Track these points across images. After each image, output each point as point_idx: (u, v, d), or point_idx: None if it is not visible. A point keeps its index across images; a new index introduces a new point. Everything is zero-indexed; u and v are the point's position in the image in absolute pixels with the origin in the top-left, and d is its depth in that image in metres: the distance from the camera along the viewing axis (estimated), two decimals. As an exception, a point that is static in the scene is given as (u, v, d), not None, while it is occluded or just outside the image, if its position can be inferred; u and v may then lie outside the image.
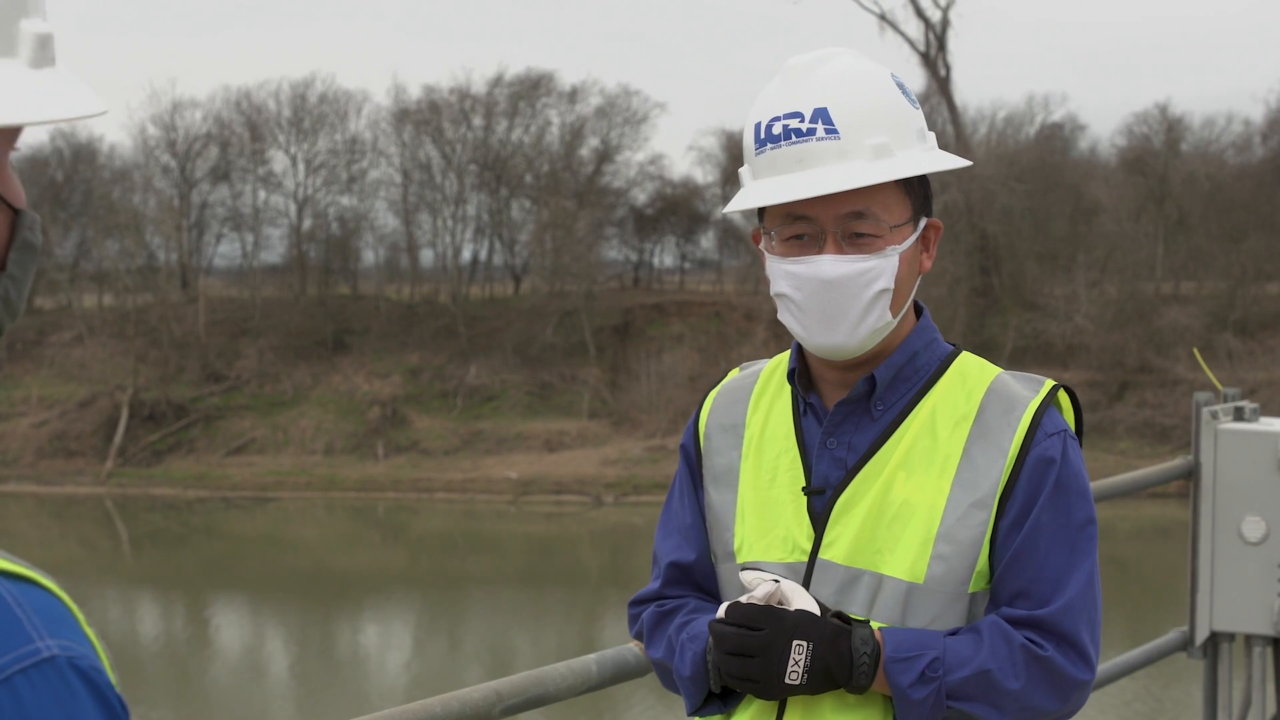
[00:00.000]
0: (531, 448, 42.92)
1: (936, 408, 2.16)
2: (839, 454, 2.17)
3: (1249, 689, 4.76)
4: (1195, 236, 45.50)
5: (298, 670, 25.00)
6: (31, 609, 0.99)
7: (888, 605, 2.11)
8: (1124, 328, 42.40)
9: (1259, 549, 4.61)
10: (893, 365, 2.18)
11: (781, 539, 2.19)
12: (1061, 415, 2.19)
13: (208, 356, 47.33)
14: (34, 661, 0.96)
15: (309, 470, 42.65)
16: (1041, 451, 2.11)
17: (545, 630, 27.10)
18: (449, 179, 51.54)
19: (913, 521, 2.11)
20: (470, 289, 51.05)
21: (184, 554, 36.15)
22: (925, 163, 2.14)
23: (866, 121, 2.10)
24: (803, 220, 2.12)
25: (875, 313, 2.11)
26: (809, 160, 2.09)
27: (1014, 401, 2.15)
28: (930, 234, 2.21)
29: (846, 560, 2.13)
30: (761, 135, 2.14)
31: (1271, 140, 48.76)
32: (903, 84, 2.18)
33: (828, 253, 2.10)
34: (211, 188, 52.43)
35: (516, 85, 51.54)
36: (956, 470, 2.11)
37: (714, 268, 55.79)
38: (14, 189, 1.14)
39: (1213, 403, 4.72)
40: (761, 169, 2.15)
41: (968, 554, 2.10)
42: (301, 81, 56.91)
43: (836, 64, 2.14)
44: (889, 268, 2.10)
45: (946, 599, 2.11)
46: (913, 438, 2.14)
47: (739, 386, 2.37)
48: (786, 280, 2.14)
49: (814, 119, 2.09)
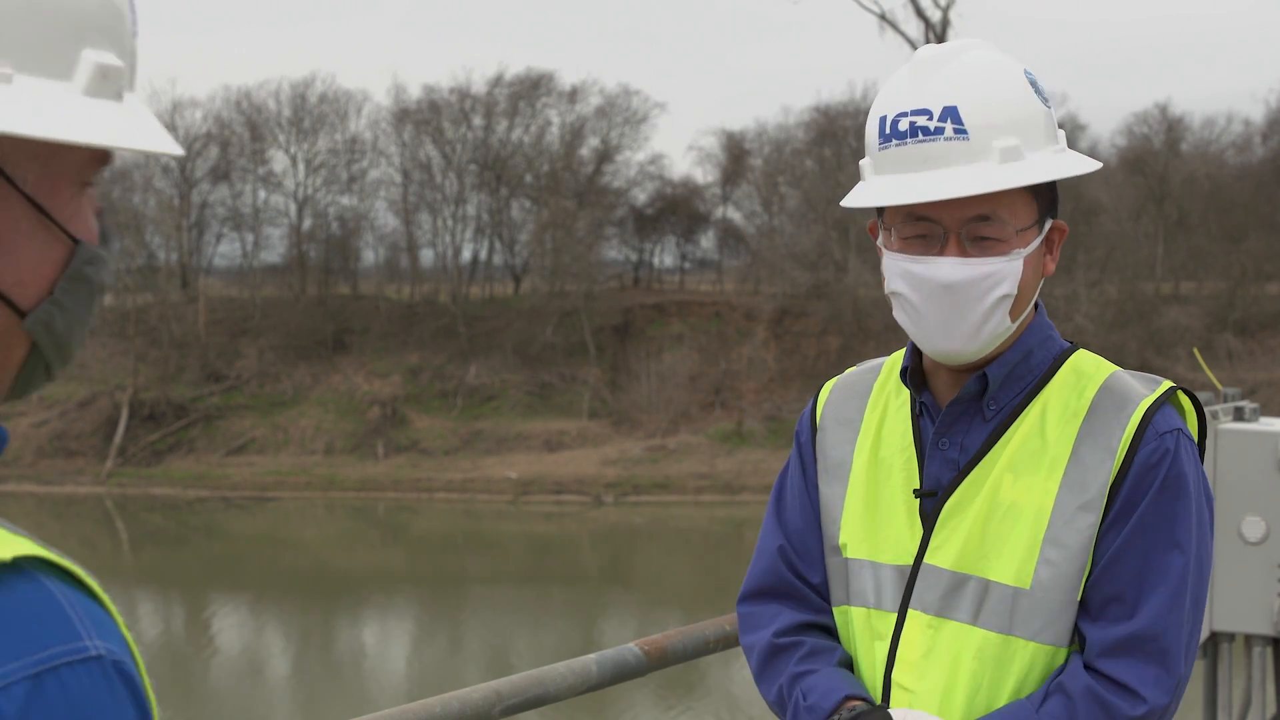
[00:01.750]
0: (531, 448, 42.92)
1: (1048, 406, 2.09)
2: (951, 455, 2.12)
3: (1249, 689, 4.76)
4: (1195, 236, 45.52)
5: (298, 670, 25.00)
6: (82, 611, 1.04)
7: (994, 611, 2.04)
8: (1124, 328, 42.41)
9: (1259, 549, 4.61)
10: (1006, 363, 2.11)
11: (891, 540, 2.14)
12: (1179, 416, 2.10)
13: (208, 356, 47.33)
14: (81, 657, 1.01)
15: (309, 470, 42.65)
16: (1151, 451, 2.02)
17: (545, 630, 27.09)
18: (449, 179, 51.57)
19: (1020, 525, 2.04)
20: (470, 289, 51.04)
21: (184, 554, 36.14)
22: (1055, 167, 2.06)
23: (996, 122, 2.02)
24: (925, 221, 2.05)
25: (996, 318, 2.05)
26: (936, 160, 2.02)
27: (1126, 399, 2.08)
28: (1055, 236, 2.14)
29: (953, 565, 2.07)
30: (886, 130, 2.06)
31: (1271, 140, 48.78)
32: (1035, 80, 2.10)
33: (949, 254, 2.03)
34: (211, 187, 52.50)
35: (516, 85, 51.58)
36: (1064, 471, 2.04)
37: (714, 268, 55.79)
38: (80, 220, 1.16)
39: (1213, 403, 4.72)
40: (885, 165, 2.07)
41: (1076, 558, 2.02)
42: (301, 81, 57.02)
43: (968, 58, 2.07)
44: (1012, 272, 2.04)
45: (1056, 606, 2.03)
46: (1022, 438, 2.08)
47: (858, 381, 2.31)
48: (904, 280, 2.06)
49: (943, 118, 2.02)
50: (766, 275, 49.48)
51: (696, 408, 44.41)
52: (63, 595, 1.03)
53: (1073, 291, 43.09)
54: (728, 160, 53.51)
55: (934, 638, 2.08)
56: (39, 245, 1.13)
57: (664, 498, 39.43)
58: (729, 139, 53.61)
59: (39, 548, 1.05)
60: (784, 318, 46.83)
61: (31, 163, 1.11)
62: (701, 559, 33.69)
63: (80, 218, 1.16)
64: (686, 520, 37.51)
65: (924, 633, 2.09)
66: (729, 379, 45.22)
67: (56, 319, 1.14)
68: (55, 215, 1.13)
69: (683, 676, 20.32)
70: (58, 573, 1.05)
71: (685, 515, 38.00)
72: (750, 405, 43.86)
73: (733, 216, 55.19)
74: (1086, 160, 2.12)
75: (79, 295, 1.15)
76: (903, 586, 2.11)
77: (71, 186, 1.14)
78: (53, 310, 1.14)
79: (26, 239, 1.12)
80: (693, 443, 42.18)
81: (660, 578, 32.16)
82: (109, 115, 1.12)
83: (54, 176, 1.13)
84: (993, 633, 2.05)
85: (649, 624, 25.09)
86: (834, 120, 50.17)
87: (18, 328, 1.13)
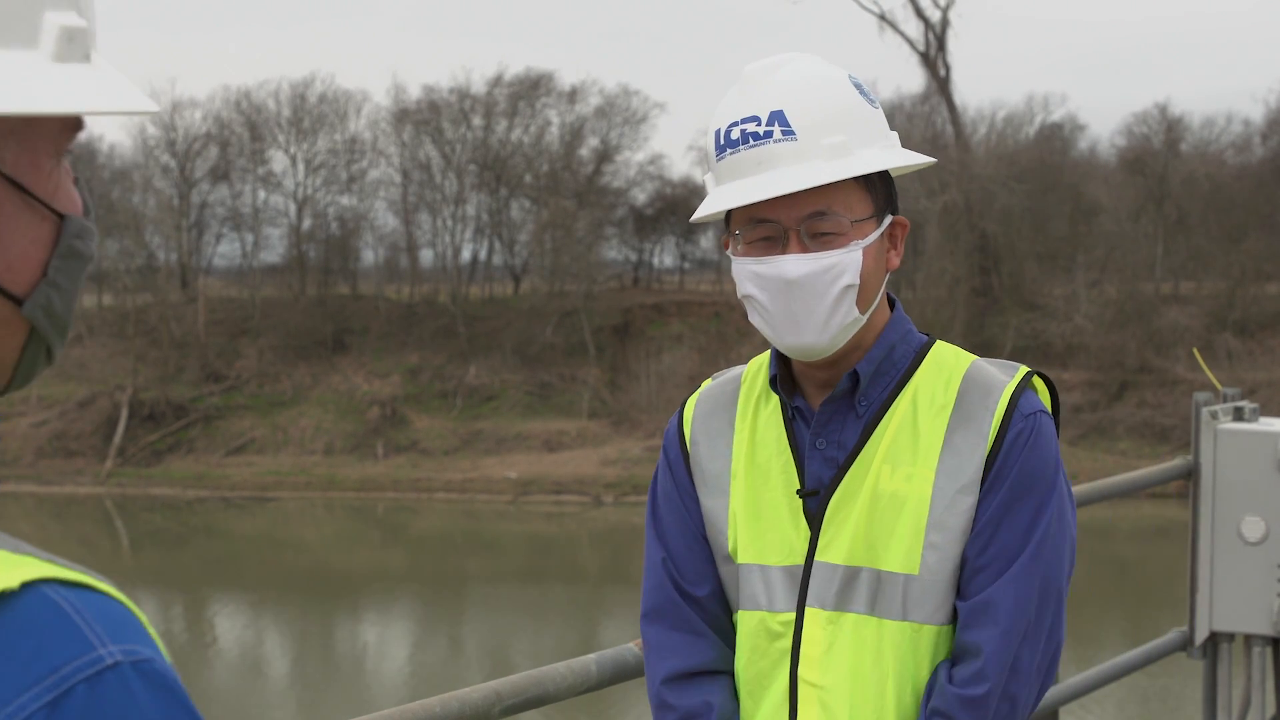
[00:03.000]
0: (531, 448, 42.92)
1: (916, 397, 2.16)
2: (829, 453, 2.18)
3: (1249, 689, 4.76)
4: (1195, 236, 45.50)
5: (298, 670, 25.00)
6: (91, 615, 0.95)
7: (889, 599, 2.12)
8: (1124, 328, 42.39)
9: (1259, 549, 4.61)
10: (873, 359, 2.17)
11: (778, 542, 2.19)
12: (1038, 398, 2.20)
13: (207, 356, 47.32)
14: (96, 670, 0.93)
15: (309, 470, 42.65)
16: (1018, 432, 2.12)
17: (545, 630, 27.09)
18: (449, 179, 51.55)
19: (903, 514, 2.12)
20: (470, 289, 51.04)
21: (184, 554, 36.14)
22: (883, 160, 2.13)
23: (823, 122, 2.10)
24: (766, 223, 2.12)
25: (843, 309, 2.11)
26: (767, 162, 2.10)
27: (991, 386, 2.16)
28: (897, 231, 2.20)
29: (845, 559, 2.13)
30: (721, 141, 2.15)
31: (1271, 140, 48.75)
32: (861, 85, 2.18)
33: (791, 252, 2.10)
34: (211, 188, 52.45)
35: (516, 85, 51.55)
36: (939, 458, 2.12)
37: (714, 268, 55.76)
38: (63, 194, 1.10)
39: (1212, 403, 4.72)
40: (723, 174, 2.15)
41: (959, 540, 2.11)
42: (301, 81, 56.94)
43: (792, 68, 2.14)
44: (853, 263, 2.10)
45: (945, 588, 2.12)
46: (895, 430, 2.15)
47: (720, 393, 2.35)
48: (751, 281, 2.15)
49: (770, 121, 2.10)
50: (766, 275, 49.46)
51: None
52: (68, 602, 0.96)
53: (1072, 291, 43.08)
54: (727, 160, 53.50)
55: (835, 632, 2.14)
56: (25, 227, 1.07)
57: (664, 498, 39.43)
58: (729, 139, 53.62)
59: (46, 566, 0.97)
60: (784, 318, 46.86)
61: (7, 140, 1.05)
62: (701, 559, 33.64)
63: (63, 191, 1.10)
64: (686, 520, 37.49)
65: (824, 629, 2.14)
66: (729, 379, 45.24)
67: (55, 301, 1.08)
68: (38, 192, 1.07)
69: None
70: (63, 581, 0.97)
71: (685, 515, 37.98)
72: (750, 405, 43.88)
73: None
74: (918, 155, 2.19)
75: (73, 271, 1.10)
76: (795, 586, 2.16)
77: (50, 159, 1.08)
78: (50, 292, 1.08)
79: (11, 221, 1.06)
80: (692, 443, 42.18)
81: (660, 578, 32.13)
82: (83, 80, 1.06)
83: (32, 151, 1.07)
84: (890, 620, 2.12)
85: (649, 624, 25.03)
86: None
87: (16, 316, 1.07)
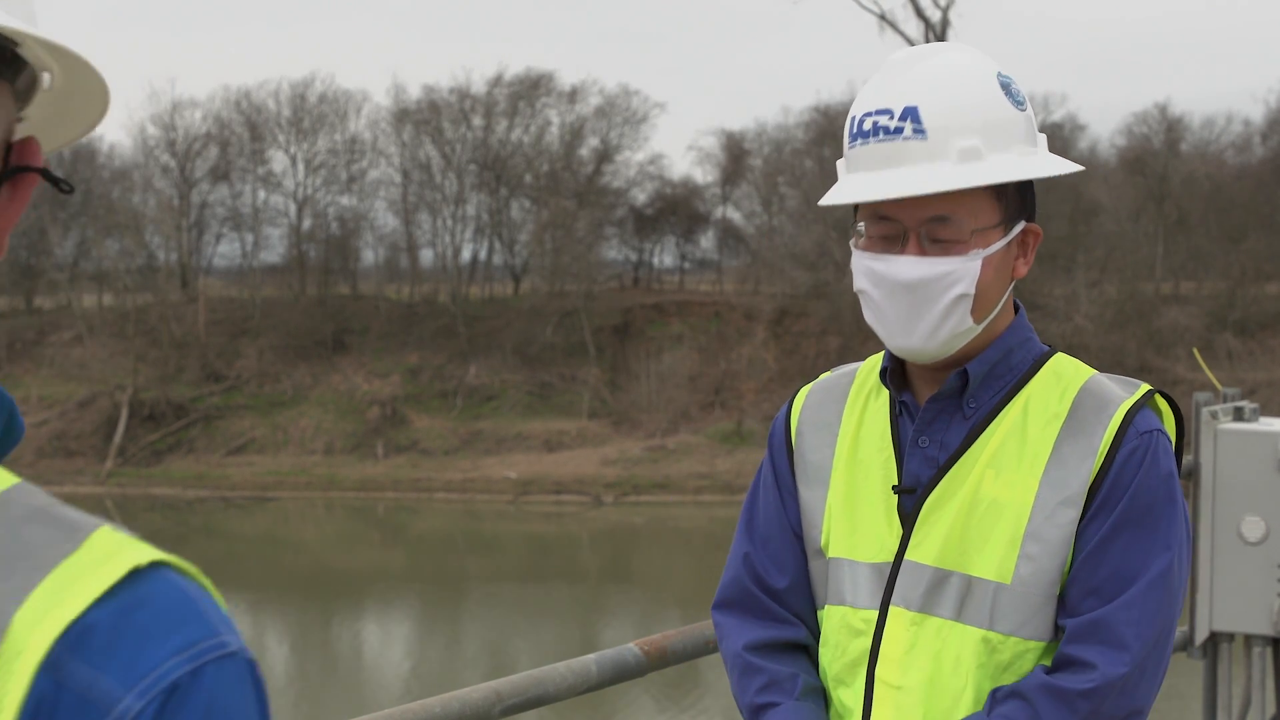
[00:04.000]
0: (531, 448, 42.92)
1: (1029, 405, 2.10)
2: (930, 452, 2.13)
3: (1249, 689, 4.76)
4: (1195, 236, 45.52)
5: (298, 670, 24.99)
6: (208, 604, 1.00)
7: (976, 607, 2.07)
8: (1124, 328, 42.41)
9: (1259, 549, 4.61)
10: (986, 361, 2.12)
11: (870, 538, 2.15)
12: (1157, 418, 2.12)
13: (207, 356, 47.32)
14: (223, 653, 0.96)
15: (309, 470, 42.64)
16: (1131, 450, 2.04)
17: (545, 630, 27.09)
18: (449, 179, 51.56)
19: (1001, 520, 2.06)
20: (470, 289, 51.04)
21: (184, 554, 34.96)
22: (1012, 170, 2.06)
23: (957, 123, 2.03)
24: (888, 220, 2.07)
25: (954, 318, 2.06)
26: (895, 159, 2.04)
27: (1107, 400, 2.09)
28: (1029, 239, 2.15)
29: (935, 561, 2.09)
30: (854, 129, 2.10)
31: (1271, 140, 48.78)
32: (1009, 84, 2.10)
33: (909, 253, 2.05)
34: (211, 188, 52.49)
35: (516, 85, 51.57)
36: (1045, 468, 2.06)
37: (714, 268, 55.78)
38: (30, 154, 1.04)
39: (1212, 403, 4.72)
40: (853, 164, 2.11)
41: (1056, 553, 2.05)
42: (301, 81, 57.02)
43: (936, 60, 2.08)
44: (968, 273, 2.04)
45: (1036, 601, 2.06)
46: (1003, 435, 2.09)
47: (834, 385, 2.31)
48: (867, 277, 2.10)
49: (903, 117, 2.04)
50: (766, 275, 49.48)
51: (696, 408, 44.41)
52: (191, 587, 1.00)
53: (1073, 291, 43.08)
54: (727, 160, 53.50)
55: (917, 634, 2.10)
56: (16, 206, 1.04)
57: (664, 498, 39.42)
58: (728, 139, 53.64)
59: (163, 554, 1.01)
60: (784, 318, 46.83)
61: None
62: (701, 559, 33.66)
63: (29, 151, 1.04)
64: (686, 520, 37.51)
65: (907, 629, 2.10)
66: (728, 379, 45.22)
67: None
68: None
69: (683, 677, 20.31)
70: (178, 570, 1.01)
71: (685, 515, 38.00)
72: (750, 405, 43.85)
73: (732, 216, 55.19)
74: (1058, 162, 2.12)
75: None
76: (882, 584, 2.12)
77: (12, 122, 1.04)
78: None
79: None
80: (692, 443, 42.18)
81: (660, 578, 32.15)
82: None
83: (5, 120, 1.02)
84: (975, 628, 2.07)
85: (649, 624, 25.07)
86: (834, 120, 50.10)
87: None
